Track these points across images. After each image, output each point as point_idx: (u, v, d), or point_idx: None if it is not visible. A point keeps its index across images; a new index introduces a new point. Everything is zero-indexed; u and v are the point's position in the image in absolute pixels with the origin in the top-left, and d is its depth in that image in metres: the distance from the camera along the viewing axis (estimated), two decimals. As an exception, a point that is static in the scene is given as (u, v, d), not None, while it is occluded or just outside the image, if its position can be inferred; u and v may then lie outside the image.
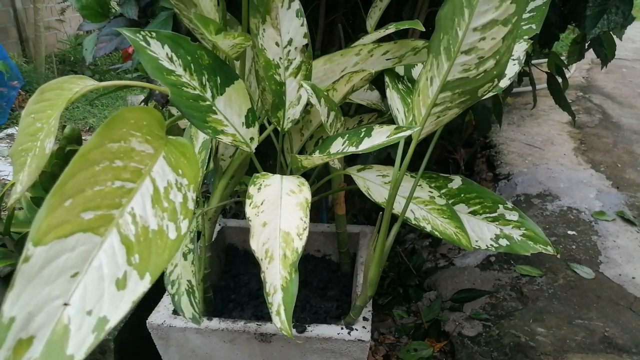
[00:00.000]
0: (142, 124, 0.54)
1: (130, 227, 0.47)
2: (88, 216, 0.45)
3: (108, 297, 0.43)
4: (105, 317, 0.42)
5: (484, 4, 0.62)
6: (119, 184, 0.48)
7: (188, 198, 0.53)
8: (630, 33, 2.06)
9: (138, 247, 0.46)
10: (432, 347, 1.28)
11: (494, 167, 2.15)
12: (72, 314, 0.41)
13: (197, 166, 0.57)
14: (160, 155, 0.54)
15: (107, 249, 0.45)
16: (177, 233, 0.49)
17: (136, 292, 0.44)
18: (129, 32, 0.68)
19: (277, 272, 0.63)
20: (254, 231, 0.65)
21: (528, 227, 0.86)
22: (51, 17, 4.44)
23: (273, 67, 0.84)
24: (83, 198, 0.45)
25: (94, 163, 0.47)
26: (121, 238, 0.46)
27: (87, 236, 0.44)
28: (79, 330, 0.41)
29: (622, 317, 1.28)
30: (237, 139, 0.77)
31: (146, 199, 0.49)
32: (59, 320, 0.41)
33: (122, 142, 0.51)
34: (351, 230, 1.22)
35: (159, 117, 0.57)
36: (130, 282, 0.44)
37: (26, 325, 0.39)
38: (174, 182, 0.53)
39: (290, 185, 0.72)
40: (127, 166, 0.50)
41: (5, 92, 3.23)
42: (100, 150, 0.48)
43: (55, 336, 0.40)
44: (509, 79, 0.89)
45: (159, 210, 0.50)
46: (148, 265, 0.46)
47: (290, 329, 0.61)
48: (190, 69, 0.72)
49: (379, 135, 0.73)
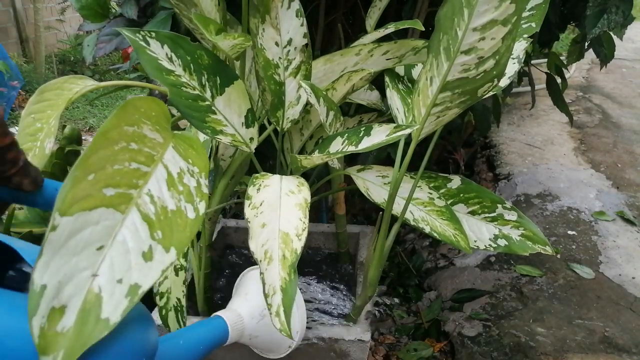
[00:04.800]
0: (151, 114, 0.55)
1: (150, 206, 0.48)
2: (109, 192, 0.46)
3: (136, 267, 0.44)
4: (137, 284, 0.43)
5: (483, 4, 0.62)
6: (135, 165, 0.50)
7: (201, 183, 0.54)
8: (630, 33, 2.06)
9: (159, 225, 0.48)
10: (432, 347, 1.28)
11: (494, 167, 2.15)
12: (102, 283, 0.42)
13: (206, 157, 0.58)
14: (170, 145, 0.55)
15: (130, 225, 0.46)
16: (196, 213, 0.51)
17: (164, 263, 0.46)
18: (129, 32, 0.68)
19: (277, 274, 0.63)
20: (253, 232, 0.65)
21: (527, 227, 0.86)
22: (51, 17, 4.44)
23: (272, 67, 0.84)
24: (104, 174, 0.46)
25: (113, 142, 0.49)
26: (142, 216, 0.47)
27: (109, 212, 0.45)
28: (112, 296, 0.42)
29: (622, 317, 1.28)
30: (237, 139, 0.77)
31: (161, 182, 0.51)
32: (90, 290, 0.41)
33: (135, 127, 0.52)
34: (351, 230, 1.22)
35: (165, 110, 0.58)
36: (156, 254, 0.46)
37: (57, 294, 0.40)
38: (186, 169, 0.54)
39: (289, 185, 0.72)
40: (141, 150, 0.51)
41: (5, 92, 3.22)
42: (118, 131, 0.50)
43: (88, 304, 0.41)
44: (509, 78, 0.88)
45: (175, 192, 0.51)
46: (172, 240, 0.47)
47: (289, 329, 0.61)
48: (190, 69, 0.72)
49: (378, 134, 0.73)
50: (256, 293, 0.80)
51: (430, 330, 1.36)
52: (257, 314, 0.78)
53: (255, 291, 0.80)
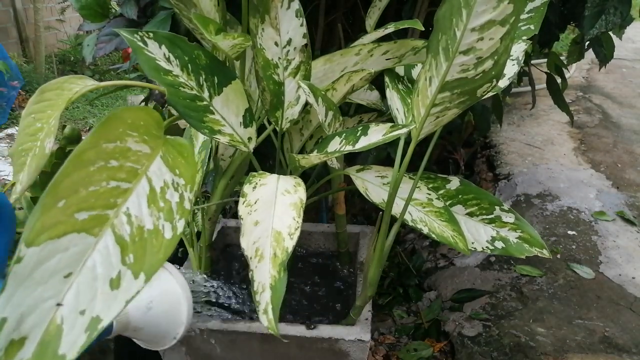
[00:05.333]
0: (139, 124, 0.54)
1: (126, 227, 0.47)
2: (82, 216, 0.45)
3: (101, 296, 0.43)
4: (98, 317, 0.42)
5: (481, 4, 0.62)
6: (115, 184, 0.48)
7: (185, 198, 0.53)
8: (630, 33, 2.06)
9: (133, 247, 0.46)
10: (432, 347, 1.28)
11: (494, 167, 2.15)
12: (65, 313, 0.41)
13: (195, 166, 0.57)
14: (158, 155, 0.54)
15: (102, 249, 0.45)
16: (173, 232, 0.49)
17: (130, 291, 0.44)
18: (127, 32, 0.68)
19: (267, 271, 0.63)
20: (245, 229, 0.65)
21: (524, 229, 0.85)
22: (51, 17, 4.44)
23: (272, 66, 0.84)
24: (77, 199, 0.45)
25: (89, 163, 0.47)
26: (116, 238, 0.46)
27: (80, 237, 0.44)
28: (72, 329, 0.41)
29: (622, 317, 1.28)
30: (235, 139, 0.77)
31: (142, 198, 0.49)
32: (52, 320, 0.41)
33: (118, 142, 0.51)
34: (351, 230, 1.22)
35: (156, 117, 0.57)
36: (124, 281, 0.44)
37: (18, 326, 0.39)
38: (170, 182, 0.53)
39: (286, 185, 0.72)
40: (122, 166, 0.50)
41: (5, 92, 3.23)
42: (96, 150, 0.48)
43: (48, 336, 0.40)
44: (508, 79, 0.89)
45: (154, 210, 0.50)
46: (143, 265, 0.46)
47: (277, 327, 0.61)
48: (188, 69, 0.72)
49: (375, 134, 0.73)
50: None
51: (430, 330, 1.36)
52: (143, 306, 0.76)
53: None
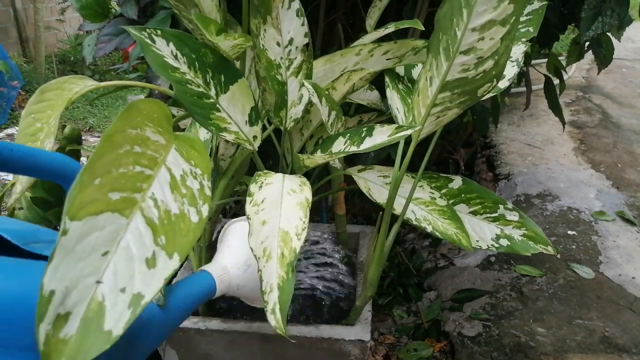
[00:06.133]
0: (153, 116, 0.55)
1: (153, 210, 0.48)
2: (115, 197, 0.46)
3: (139, 275, 0.44)
4: (139, 293, 0.43)
5: (482, 4, 0.62)
6: (139, 169, 0.50)
7: (204, 185, 0.54)
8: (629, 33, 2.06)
9: (163, 229, 0.47)
10: (432, 347, 1.28)
11: (494, 167, 2.15)
12: (105, 291, 0.42)
13: (207, 158, 0.58)
14: (172, 147, 0.55)
15: (134, 230, 0.46)
16: (199, 217, 0.51)
17: (167, 270, 0.45)
18: (135, 29, 0.69)
19: (274, 271, 0.63)
20: (253, 229, 0.65)
21: (528, 227, 0.86)
22: (51, 17, 4.44)
23: (275, 67, 0.84)
24: (110, 178, 0.46)
25: (118, 146, 0.49)
26: (146, 220, 0.47)
27: (114, 216, 0.45)
28: (115, 306, 0.41)
29: (622, 317, 1.28)
30: (240, 136, 0.78)
31: (164, 185, 0.51)
32: (93, 298, 0.41)
33: (138, 129, 0.52)
34: (351, 230, 1.22)
35: (167, 112, 0.58)
36: (159, 261, 0.45)
37: (63, 300, 0.40)
38: (188, 171, 0.54)
39: (291, 184, 0.72)
40: (145, 153, 0.51)
41: (5, 92, 3.23)
42: (122, 135, 0.50)
43: (91, 313, 0.40)
44: (508, 80, 0.89)
45: (178, 195, 0.51)
46: (175, 246, 0.47)
47: (285, 327, 0.61)
48: (195, 66, 0.72)
49: (380, 135, 0.73)
50: (239, 244, 0.79)
51: (430, 330, 1.36)
52: (242, 264, 0.76)
53: (238, 242, 0.79)
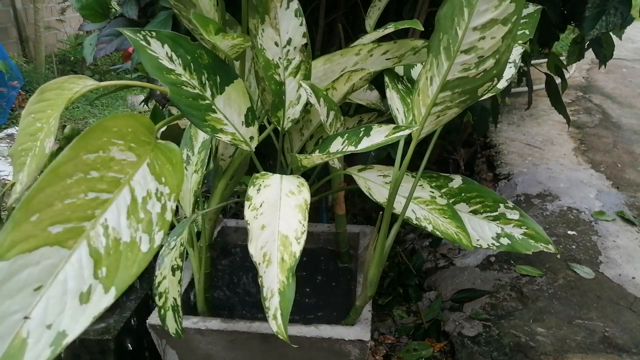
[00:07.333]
0: (127, 131, 0.53)
1: (101, 239, 0.46)
2: (56, 230, 0.44)
3: (70, 311, 0.42)
4: (64, 332, 0.41)
5: (483, 3, 0.62)
6: (93, 195, 0.48)
7: (167, 208, 0.52)
8: (630, 33, 2.06)
9: (107, 260, 0.45)
10: (432, 347, 1.28)
11: (494, 167, 2.15)
12: (31, 327, 0.41)
13: (182, 173, 0.56)
14: (144, 163, 0.53)
15: (74, 262, 0.44)
16: (150, 245, 0.48)
17: (99, 306, 0.43)
18: (129, 31, 0.68)
19: (275, 277, 0.63)
20: (252, 235, 0.65)
21: (529, 225, 0.86)
22: (51, 17, 4.44)
23: (272, 67, 0.84)
24: (51, 212, 0.45)
25: (66, 177, 0.47)
26: (90, 251, 0.45)
27: (54, 250, 0.44)
28: (37, 344, 0.40)
29: (622, 317, 1.28)
30: (237, 137, 0.77)
31: (122, 209, 0.49)
32: (17, 334, 0.40)
33: (100, 152, 0.50)
34: (351, 230, 1.22)
35: (146, 123, 0.56)
36: (94, 295, 0.44)
37: None
38: (154, 192, 0.52)
39: (289, 185, 0.72)
40: (104, 177, 0.49)
41: (5, 92, 3.23)
42: (74, 162, 0.48)
43: (12, 349, 0.39)
44: (506, 81, 0.89)
45: (133, 221, 0.49)
46: (114, 279, 0.45)
47: (286, 332, 0.61)
48: (190, 68, 0.72)
49: (378, 135, 0.73)
50: None
51: (430, 330, 1.36)
52: None
53: None
